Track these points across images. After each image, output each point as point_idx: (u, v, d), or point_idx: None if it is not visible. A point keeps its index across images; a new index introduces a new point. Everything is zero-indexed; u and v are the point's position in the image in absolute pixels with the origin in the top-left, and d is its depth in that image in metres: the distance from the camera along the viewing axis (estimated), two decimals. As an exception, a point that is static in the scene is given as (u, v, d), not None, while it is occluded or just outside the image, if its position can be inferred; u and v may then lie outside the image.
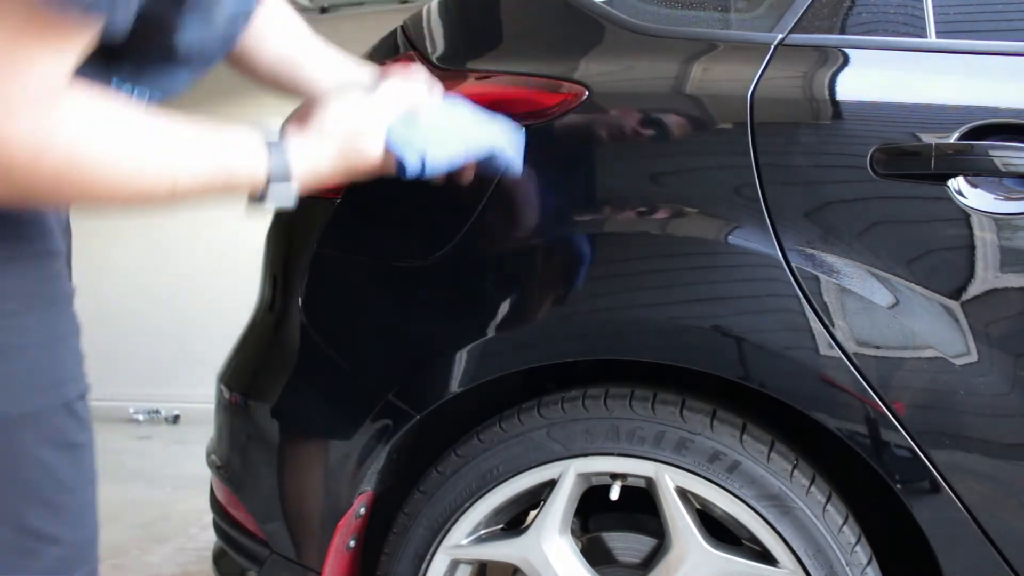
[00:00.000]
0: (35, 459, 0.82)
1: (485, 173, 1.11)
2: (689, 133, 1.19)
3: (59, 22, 0.65)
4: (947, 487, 1.09)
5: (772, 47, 1.17)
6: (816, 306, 1.10)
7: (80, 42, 0.68)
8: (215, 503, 1.49)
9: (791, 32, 1.18)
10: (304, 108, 0.93)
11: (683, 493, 1.18)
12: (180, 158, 0.78)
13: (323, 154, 0.90)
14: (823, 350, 1.10)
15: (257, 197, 0.86)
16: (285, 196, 0.86)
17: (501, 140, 1.07)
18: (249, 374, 1.43)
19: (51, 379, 0.83)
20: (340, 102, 0.92)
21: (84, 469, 0.88)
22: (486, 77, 1.28)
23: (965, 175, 1.08)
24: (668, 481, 1.17)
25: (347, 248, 1.32)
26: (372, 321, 1.30)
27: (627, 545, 1.32)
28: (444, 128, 1.00)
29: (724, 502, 1.16)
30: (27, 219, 0.82)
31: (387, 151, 0.94)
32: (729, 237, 1.14)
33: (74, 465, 0.86)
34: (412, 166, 0.95)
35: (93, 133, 0.71)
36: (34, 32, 0.64)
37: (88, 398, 0.89)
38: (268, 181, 0.85)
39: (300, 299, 1.34)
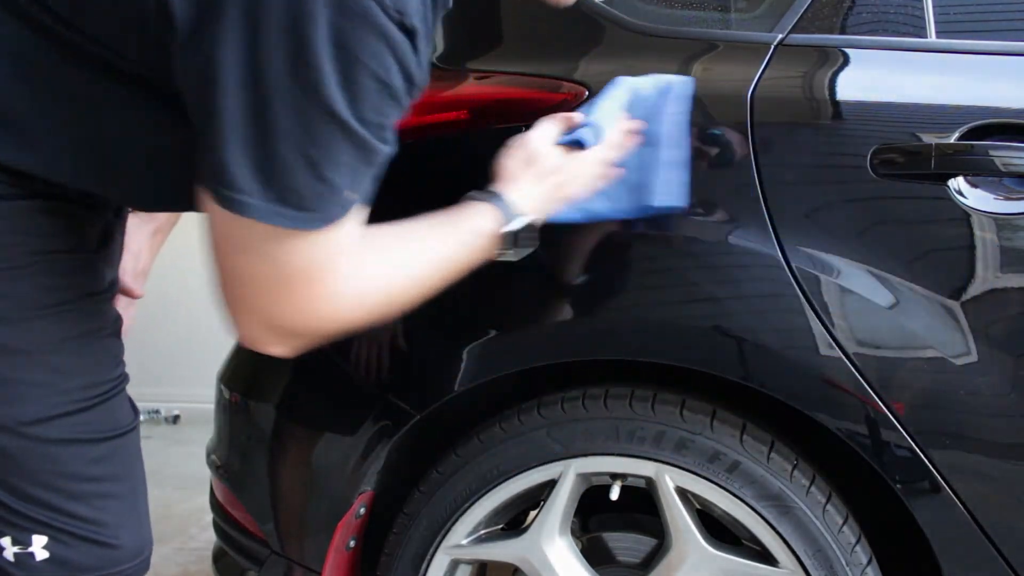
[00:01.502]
0: (69, 456, 0.89)
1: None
2: (689, 133, 1.18)
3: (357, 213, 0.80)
4: (947, 487, 1.09)
5: (772, 47, 1.17)
6: (816, 306, 1.10)
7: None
8: (215, 503, 1.49)
9: (791, 32, 1.18)
10: (507, 161, 1.02)
11: (683, 493, 1.18)
12: (442, 246, 0.91)
13: (535, 197, 1.00)
14: (823, 350, 1.10)
15: (504, 244, 0.97)
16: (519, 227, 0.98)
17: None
18: (249, 374, 1.43)
19: (83, 382, 0.90)
20: (546, 159, 1.02)
21: (120, 463, 0.94)
22: (486, 77, 1.28)
23: (965, 175, 1.08)
24: (668, 481, 1.17)
25: (347, 248, 1.32)
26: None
27: (627, 545, 1.31)
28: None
29: (724, 502, 1.15)
30: (54, 219, 0.87)
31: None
32: (729, 237, 1.14)
33: (107, 460, 0.92)
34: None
35: (387, 262, 0.86)
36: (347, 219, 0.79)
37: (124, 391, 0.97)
38: (504, 227, 0.96)
39: (300, 299, 1.33)
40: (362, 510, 1.30)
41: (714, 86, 1.19)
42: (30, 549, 0.89)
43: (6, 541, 0.89)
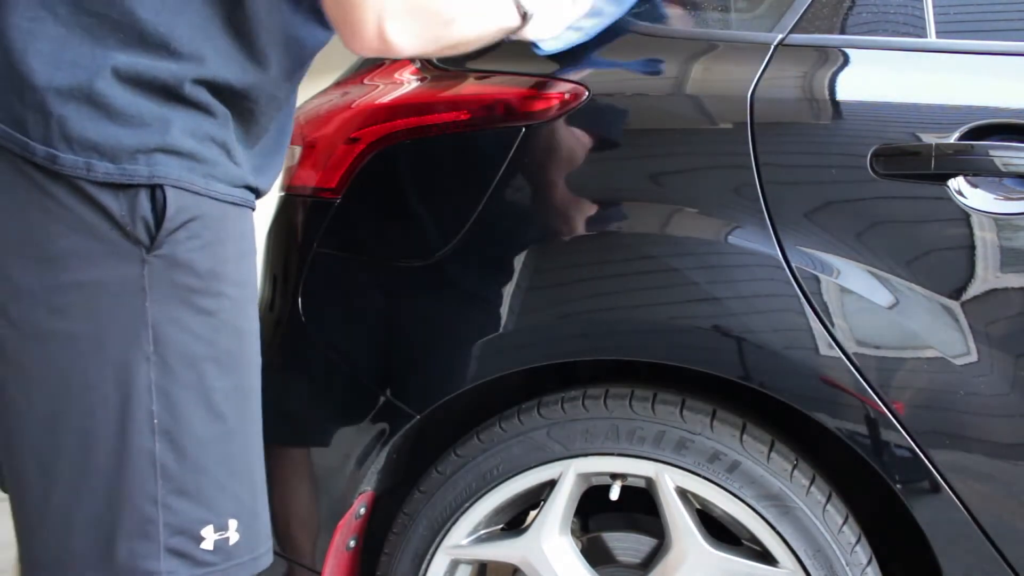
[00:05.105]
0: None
1: None
2: (689, 133, 1.19)
3: None
4: (947, 487, 1.09)
5: (772, 47, 1.17)
6: (816, 306, 1.10)
7: None
8: (215, 503, 1.49)
9: (791, 32, 1.18)
10: None
11: (683, 493, 1.18)
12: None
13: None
14: (823, 350, 1.10)
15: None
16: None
17: None
18: (249, 374, 1.43)
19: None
20: None
21: None
22: (486, 77, 1.28)
23: (965, 175, 1.08)
24: (668, 481, 1.17)
25: (347, 248, 1.32)
26: (372, 321, 1.29)
27: (627, 545, 1.32)
28: None
29: (724, 502, 1.16)
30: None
31: None
32: (729, 237, 1.14)
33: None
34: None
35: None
36: None
37: None
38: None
39: (300, 299, 1.34)
40: (362, 510, 1.30)
41: (714, 86, 1.19)
42: (226, 534, 0.93)
43: (208, 530, 0.91)
